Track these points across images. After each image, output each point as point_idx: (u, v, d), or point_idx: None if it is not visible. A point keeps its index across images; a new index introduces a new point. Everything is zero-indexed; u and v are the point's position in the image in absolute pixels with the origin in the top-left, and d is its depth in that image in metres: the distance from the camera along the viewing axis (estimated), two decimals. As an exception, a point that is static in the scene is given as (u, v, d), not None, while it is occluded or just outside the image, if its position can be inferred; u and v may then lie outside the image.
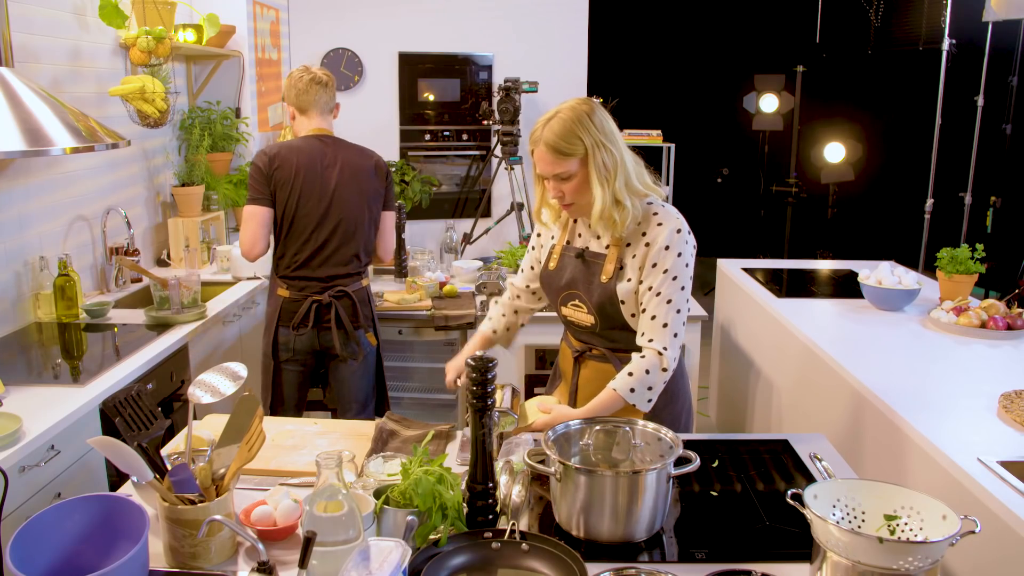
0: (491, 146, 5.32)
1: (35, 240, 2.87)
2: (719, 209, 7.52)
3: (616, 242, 1.90)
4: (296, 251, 2.73)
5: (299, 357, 2.80)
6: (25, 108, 2.20)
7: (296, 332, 2.75)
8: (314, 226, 2.70)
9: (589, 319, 1.95)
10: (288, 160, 2.67)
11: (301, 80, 2.74)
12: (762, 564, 1.38)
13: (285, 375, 2.82)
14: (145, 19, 3.39)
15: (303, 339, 2.77)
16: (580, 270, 1.95)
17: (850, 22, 6.75)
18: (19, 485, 1.85)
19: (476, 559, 1.38)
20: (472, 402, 1.49)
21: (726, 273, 3.95)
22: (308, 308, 2.73)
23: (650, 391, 1.83)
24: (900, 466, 2.10)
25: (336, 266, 2.75)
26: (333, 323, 2.75)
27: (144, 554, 1.25)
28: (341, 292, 2.76)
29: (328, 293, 2.74)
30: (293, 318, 2.74)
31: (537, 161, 1.85)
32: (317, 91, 2.74)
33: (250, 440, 1.47)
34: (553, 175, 1.82)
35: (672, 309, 1.83)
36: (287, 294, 2.76)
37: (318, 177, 2.69)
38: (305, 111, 2.77)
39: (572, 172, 1.81)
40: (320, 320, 2.76)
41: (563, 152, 1.79)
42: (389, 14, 5.20)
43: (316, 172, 2.69)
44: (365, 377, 2.92)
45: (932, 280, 3.36)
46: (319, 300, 2.73)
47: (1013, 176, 5.25)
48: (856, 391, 2.39)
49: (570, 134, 1.78)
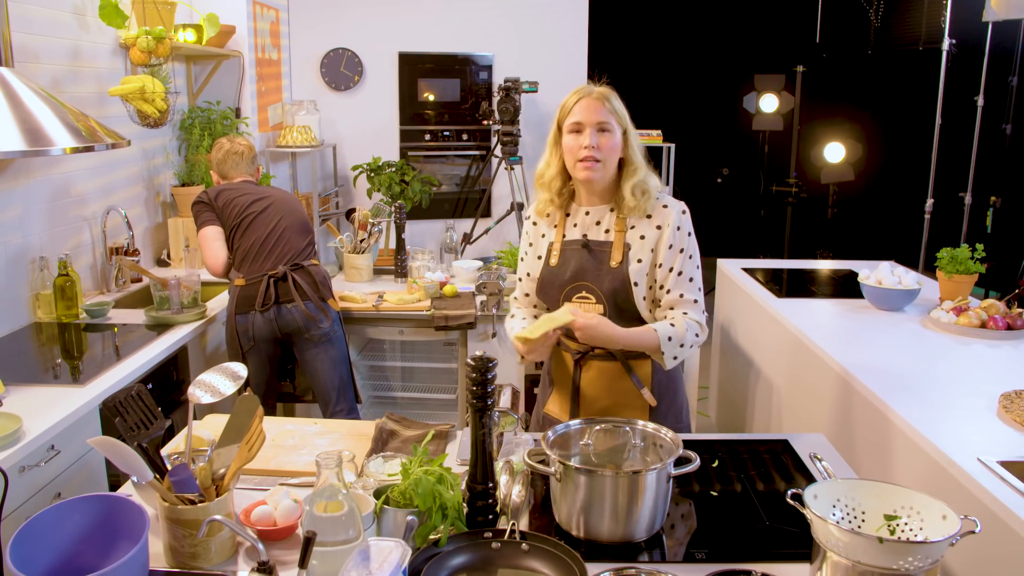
0: (491, 146, 5.32)
1: (35, 240, 2.87)
2: (719, 209, 7.52)
3: (620, 227, 1.93)
4: (248, 245, 2.94)
5: (261, 346, 2.90)
6: (25, 108, 2.20)
7: (260, 311, 2.86)
8: (262, 221, 2.97)
9: (598, 309, 1.94)
10: (227, 189, 3.04)
11: (220, 150, 3.11)
12: (762, 564, 1.38)
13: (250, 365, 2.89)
14: (145, 19, 3.39)
15: (264, 323, 2.87)
16: (586, 259, 1.94)
17: (850, 22, 6.75)
18: (19, 485, 1.85)
19: (476, 559, 1.38)
20: (472, 402, 1.49)
21: (726, 273, 3.95)
22: (266, 285, 2.87)
23: (681, 349, 1.88)
24: (900, 466, 2.10)
25: (287, 247, 2.96)
26: (295, 294, 2.87)
27: (144, 554, 1.25)
28: (296, 265, 2.95)
29: (282, 267, 2.92)
30: (253, 302, 2.87)
31: (581, 109, 1.89)
32: (235, 160, 3.10)
33: (250, 440, 1.47)
34: (597, 123, 1.88)
35: (695, 287, 1.93)
36: (243, 281, 2.91)
37: (255, 193, 3.04)
38: (226, 176, 3.12)
39: (613, 129, 1.90)
40: (279, 298, 2.88)
41: (614, 108, 1.90)
42: (389, 14, 5.21)
43: (252, 191, 3.05)
44: (334, 362, 2.99)
45: (932, 280, 3.36)
46: (274, 274, 2.90)
47: (1013, 176, 5.25)
48: (856, 391, 2.39)
49: (618, 101, 1.92)
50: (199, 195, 3.04)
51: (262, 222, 2.98)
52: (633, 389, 1.97)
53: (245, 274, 2.92)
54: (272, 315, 2.88)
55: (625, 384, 1.98)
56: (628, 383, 1.97)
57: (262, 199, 3.03)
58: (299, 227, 3.06)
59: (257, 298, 2.86)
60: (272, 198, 3.06)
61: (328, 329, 2.97)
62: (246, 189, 3.06)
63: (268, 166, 4.67)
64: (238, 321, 2.88)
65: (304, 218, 3.13)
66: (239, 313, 2.89)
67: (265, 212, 3.00)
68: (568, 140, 1.91)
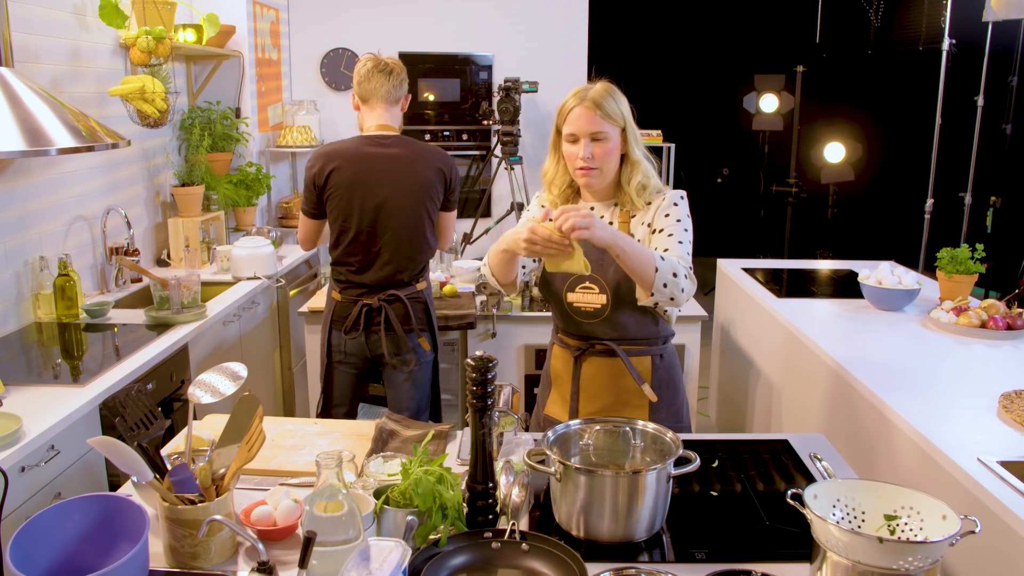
0: (491, 146, 5.32)
1: (35, 240, 2.87)
2: (719, 209, 7.52)
3: (624, 218, 1.95)
4: (347, 261, 2.68)
5: (351, 360, 2.77)
6: (25, 108, 2.20)
7: (348, 336, 2.71)
8: (365, 238, 2.63)
9: (600, 300, 1.94)
10: (338, 171, 2.59)
11: (364, 67, 2.62)
12: (762, 564, 1.38)
13: (337, 376, 2.80)
14: (145, 19, 3.39)
15: (354, 343, 2.73)
16: (590, 249, 1.94)
17: (850, 22, 6.75)
18: (19, 485, 1.85)
19: (476, 559, 1.38)
20: (472, 402, 1.49)
21: (726, 273, 3.95)
22: (359, 312, 2.69)
23: (673, 277, 1.76)
24: (900, 466, 2.10)
25: (388, 274, 2.68)
26: (382, 327, 2.69)
27: (144, 554, 1.25)
28: (393, 296, 2.69)
29: (378, 297, 2.68)
30: (345, 322, 2.71)
31: (574, 120, 1.89)
32: (379, 80, 2.61)
33: (250, 440, 1.47)
34: (590, 133, 1.87)
35: (684, 250, 1.90)
36: (339, 298, 2.73)
37: (368, 190, 2.60)
38: (367, 100, 2.65)
39: (608, 136, 1.88)
40: (370, 324, 2.71)
41: (606, 113, 1.88)
42: (389, 14, 5.21)
43: (366, 184, 2.59)
44: (417, 386, 2.82)
45: (932, 280, 3.36)
46: (369, 304, 2.68)
47: (1013, 176, 5.25)
48: (856, 391, 2.39)
49: (613, 101, 1.89)
50: (309, 160, 2.65)
51: (366, 232, 2.62)
52: (633, 386, 1.97)
53: (342, 291, 2.72)
54: (363, 337, 2.73)
55: (625, 381, 1.98)
56: (628, 380, 1.97)
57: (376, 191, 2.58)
58: (409, 234, 2.65)
59: (349, 319, 2.69)
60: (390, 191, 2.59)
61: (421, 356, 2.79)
62: (367, 158, 2.59)
63: (268, 166, 4.67)
64: (332, 335, 2.75)
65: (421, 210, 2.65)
66: (334, 328, 2.74)
67: (374, 223, 2.61)
68: (566, 147, 1.94)
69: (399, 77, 2.65)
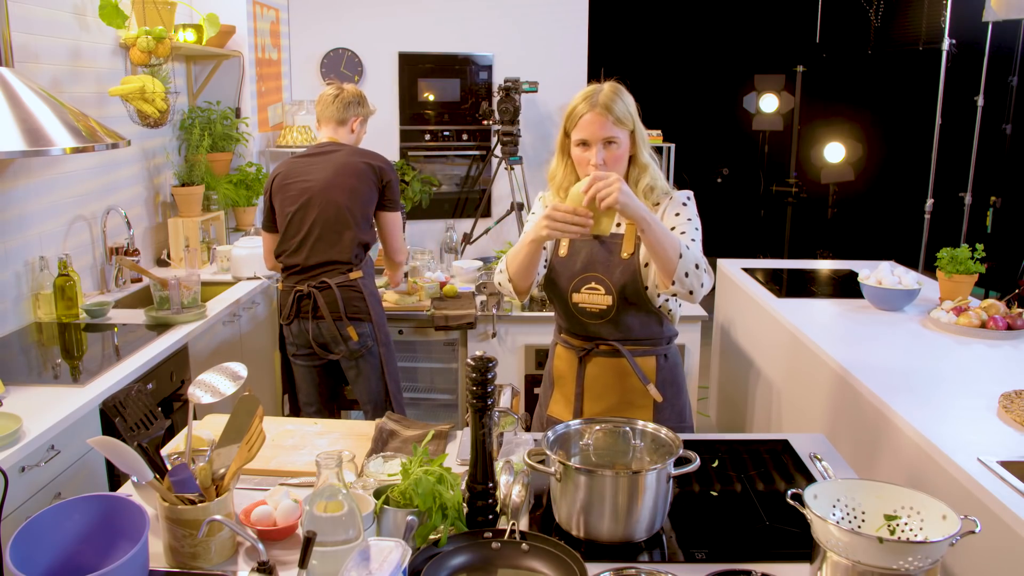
0: (491, 146, 5.32)
1: (35, 240, 2.87)
2: (719, 209, 7.50)
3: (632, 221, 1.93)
4: (285, 246, 2.88)
5: (303, 352, 2.89)
6: (25, 108, 2.20)
7: (285, 322, 2.88)
8: (298, 221, 2.83)
9: (606, 301, 1.93)
10: (280, 173, 2.89)
11: (323, 92, 2.97)
12: (762, 564, 1.38)
13: (297, 371, 2.92)
14: (145, 19, 3.39)
15: (294, 330, 2.87)
16: (597, 250, 1.95)
17: (850, 22, 6.75)
18: (19, 485, 1.85)
19: (476, 559, 1.38)
20: (472, 402, 1.49)
21: (726, 273, 3.95)
22: (292, 298, 2.84)
23: (696, 268, 1.74)
24: (900, 466, 2.10)
25: (318, 257, 2.83)
26: (310, 315, 2.83)
27: (144, 554, 1.25)
28: (323, 283, 2.82)
29: (308, 284, 2.82)
30: (283, 309, 2.88)
31: (585, 126, 1.86)
32: (327, 102, 2.93)
33: (250, 440, 1.47)
34: (603, 139, 1.86)
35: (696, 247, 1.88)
36: (281, 286, 2.92)
37: (300, 180, 2.85)
38: (318, 121, 2.99)
39: (619, 140, 1.87)
40: (301, 311, 2.84)
41: (618, 118, 1.86)
42: (389, 14, 5.21)
43: (302, 175, 2.85)
44: (365, 378, 2.92)
45: (932, 280, 3.36)
46: (301, 290, 2.83)
47: (1013, 176, 5.25)
48: (856, 391, 2.39)
49: (623, 104, 1.88)
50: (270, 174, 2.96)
51: (298, 215, 2.83)
52: (638, 386, 1.97)
53: (284, 279, 2.92)
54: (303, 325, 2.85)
55: (630, 381, 1.97)
56: (633, 380, 1.97)
57: (309, 179, 2.83)
58: (339, 219, 2.82)
59: (286, 306, 2.87)
60: (322, 178, 2.82)
61: (357, 346, 2.87)
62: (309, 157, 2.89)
63: (268, 166, 4.67)
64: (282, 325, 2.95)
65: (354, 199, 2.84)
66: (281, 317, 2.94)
67: (305, 206, 2.82)
68: (576, 152, 1.91)
69: (344, 102, 2.93)
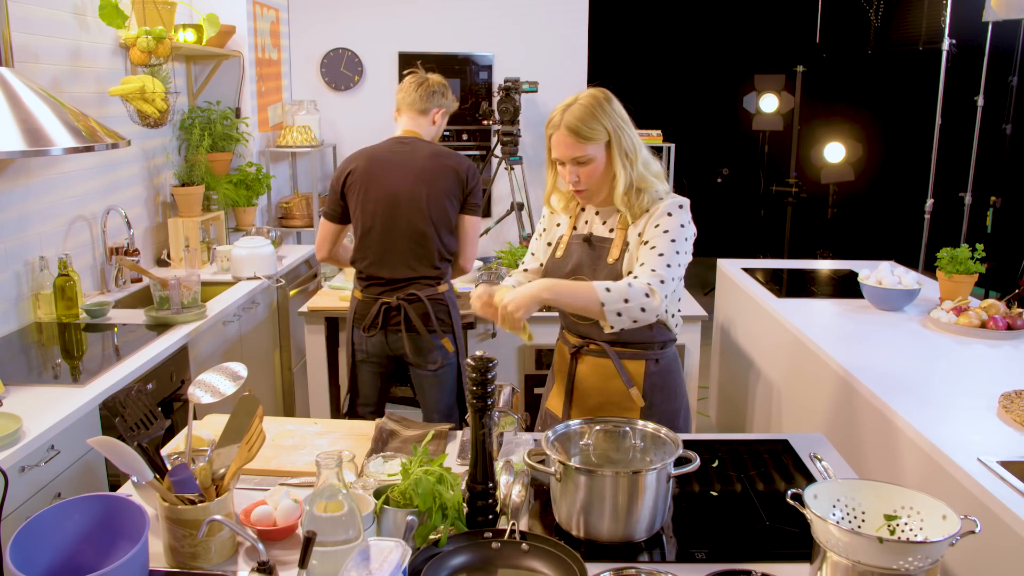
0: (491, 146, 5.32)
1: (35, 240, 2.87)
2: (719, 209, 7.52)
3: (623, 225, 1.93)
4: (365, 255, 2.71)
5: (374, 359, 2.78)
6: (25, 108, 2.20)
7: (367, 334, 2.73)
8: (381, 229, 2.67)
9: None
10: (359, 169, 2.69)
11: (406, 79, 2.81)
12: (762, 564, 1.38)
13: (361, 374, 2.80)
14: (145, 19, 3.39)
15: (374, 341, 2.74)
16: (586, 254, 1.97)
17: (850, 22, 6.75)
18: (19, 485, 1.85)
19: (476, 559, 1.38)
20: (472, 402, 1.49)
21: (726, 273, 3.95)
22: (377, 310, 2.70)
23: (625, 304, 1.75)
24: (900, 466, 2.10)
25: (406, 270, 2.69)
26: (403, 327, 2.70)
27: (144, 554, 1.25)
28: (413, 296, 2.69)
29: (397, 296, 2.68)
30: (364, 320, 2.72)
31: (555, 146, 1.89)
32: (409, 90, 2.77)
33: (250, 440, 1.47)
34: (571, 159, 1.86)
35: (663, 262, 1.82)
36: (361, 296, 2.75)
37: (384, 184, 2.66)
38: (398, 108, 2.81)
39: (591, 157, 1.86)
40: (388, 323, 2.71)
41: (584, 136, 1.84)
42: (389, 14, 5.21)
43: (383, 179, 2.67)
44: (443, 387, 2.81)
45: (932, 280, 3.36)
46: (388, 303, 2.69)
47: (1013, 176, 5.25)
48: (856, 391, 2.39)
49: (591, 119, 1.84)
50: (340, 164, 2.78)
51: (382, 225, 2.66)
52: (623, 388, 1.97)
53: (363, 289, 2.75)
54: (383, 336, 2.74)
55: (616, 383, 1.98)
56: (618, 382, 1.97)
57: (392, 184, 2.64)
58: (425, 228, 2.66)
59: (368, 317, 2.71)
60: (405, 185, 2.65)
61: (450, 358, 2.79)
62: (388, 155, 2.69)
63: (268, 166, 4.67)
64: (355, 333, 2.77)
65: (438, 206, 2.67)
66: (356, 326, 2.77)
67: (391, 216, 2.65)
68: (558, 166, 1.95)
69: (429, 90, 2.76)
